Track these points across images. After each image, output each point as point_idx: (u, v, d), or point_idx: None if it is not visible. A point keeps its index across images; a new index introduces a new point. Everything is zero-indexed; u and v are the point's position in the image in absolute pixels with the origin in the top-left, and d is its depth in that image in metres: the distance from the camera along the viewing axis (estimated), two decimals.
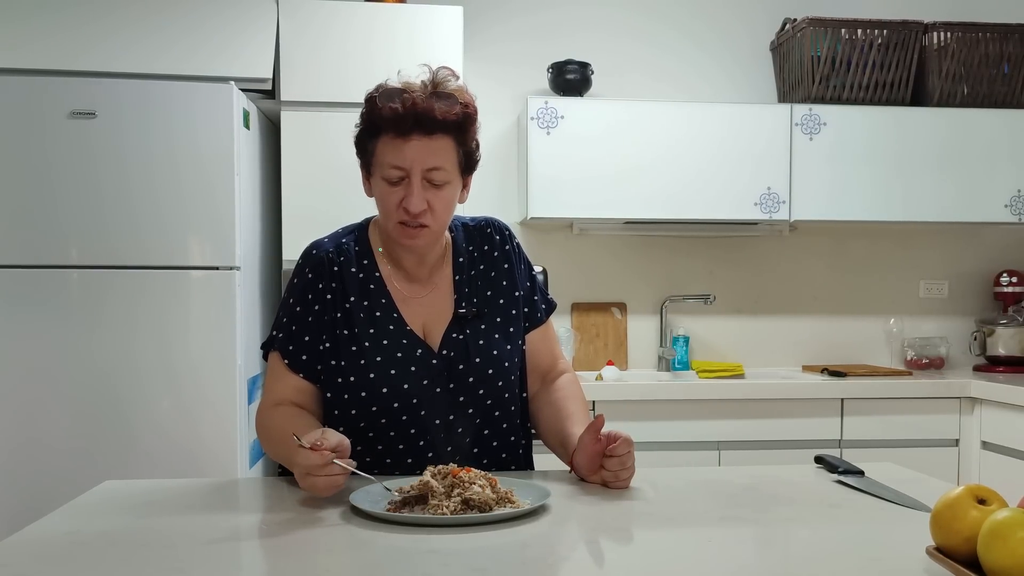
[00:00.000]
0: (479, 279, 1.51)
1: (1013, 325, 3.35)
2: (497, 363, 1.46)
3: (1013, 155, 3.23)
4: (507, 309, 1.50)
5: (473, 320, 1.46)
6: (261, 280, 2.82)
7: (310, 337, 1.43)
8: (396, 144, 1.35)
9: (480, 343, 1.45)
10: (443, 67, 1.42)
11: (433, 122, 1.34)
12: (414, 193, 1.35)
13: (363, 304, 1.44)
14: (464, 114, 1.39)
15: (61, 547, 1.04)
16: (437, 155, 1.36)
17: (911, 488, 1.31)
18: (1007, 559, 0.82)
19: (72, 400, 2.44)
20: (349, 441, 1.24)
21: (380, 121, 1.36)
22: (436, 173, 1.36)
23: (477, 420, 1.46)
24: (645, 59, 3.47)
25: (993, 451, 2.89)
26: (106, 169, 2.46)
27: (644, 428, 2.85)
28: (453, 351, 1.44)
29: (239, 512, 1.24)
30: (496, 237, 1.54)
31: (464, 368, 1.44)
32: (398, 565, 0.97)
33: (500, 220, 1.58)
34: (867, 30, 3.20)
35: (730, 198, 3.14)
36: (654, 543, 1.08)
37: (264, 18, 2.83)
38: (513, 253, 1.55)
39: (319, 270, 1.46)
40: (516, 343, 1.50)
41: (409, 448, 1.42)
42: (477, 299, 1.49)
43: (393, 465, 1.42)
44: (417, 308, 1.47)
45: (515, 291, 1.52)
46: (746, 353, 3.50)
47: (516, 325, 1.51)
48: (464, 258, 1.52)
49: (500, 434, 1.49)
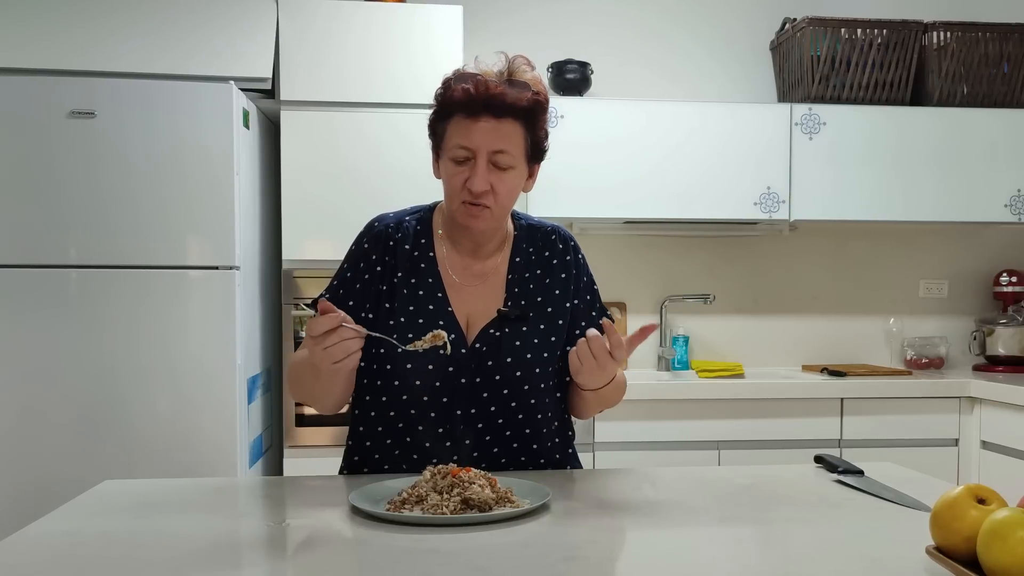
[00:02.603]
0: (532, 282, 1.50)
1: (1013, 325, 3.35)
2: (527, 367, 1.44)
3: (1013, 155, 3.23)
4: (553, 318, 1.48)
5: (515, 321, 1.46)
6: (261, 280, 2.82)
7: (354, 302, 1.46)
8: (465, 125, 1.37)
9: (516, 344, 1.44)
10: (519, 56, 1.43)
11: (503, 106, 1.36)
12: (478, 174, 1.36)
13: (409, 281, 1.46)
14: (535, 101, 1.40)
15: (61, 547, 1.04)
16: (504, 139, 1.37)
17: (911, 488, 1.30)
18: (1007, 559, 0.82)
19: (72, 400, 2.44)
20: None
21: (452, 103, 1.38)
22: (502, 156, 1.37)
23: (500, 420, 1.45)
24: (645, 59, 3.47)
25: (993, 451, 2.89)
26: (106, 169, 2.46)
27: (644, 428, 2.85)
28: (486, 346, 1.44)
29: (239, 512, 1.24)
30: (559, 245, 1.54)
31: (492, 365, 1.43)
32: (398, 565, 0.96)
33: (567, 230, 1.58)
34: (867, 30, 3.20)
35: (730, 198, 3.14)
36: (654, 543, 1.08)
37: (264, 18, 2.83)
38: (574, 263, 1.53)
39: (375, 242, 1.49)
40: (555, 352, 1.48)
41: (428, 433, 1.42)
42: (525, 302, 1.48)
43: (411, 449, 1.43)
44: (466, 296, 1.47)
45: (566, 302, 1.50)
46: (746, 353, 3.50)
47: (559, 335, 1.48)
48: (521, 258, 1.51)
49: (523, 438, 1.47)
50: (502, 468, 1.45)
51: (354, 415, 1.52)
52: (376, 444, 1.47)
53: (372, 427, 1.47)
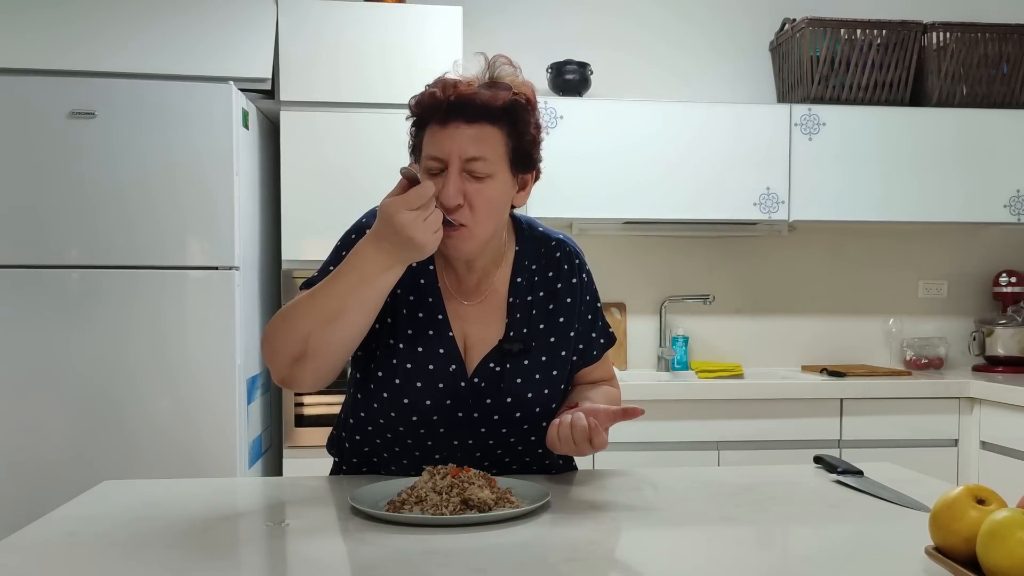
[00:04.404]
0: (534, 308, 1.38)
1: (1012, 325, 3.35)
2: (528, 406, 1.36)
3: (1012, 155, 3.23)
4: (556, 349, 1.38)
5: (517, 355, 1.35)
6: (260, 280, 2.82)
7: None
8: (435, 132, 1.25)
9: (517, 381, 1.35)
10: (499, 55, 1.32)
11: (475, 108, 1.23)
12: (450, 183, 1.22)
13: (408, 298, 1.36)
14: (513, 102, 1.26)
15: (60, 547, 1.04)
16: (478, 144, 1.24)
17: (910, 488, 1.30)
18: (1006, 559, 0.82)
19: (72, 400, 2.44)
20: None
21: (422, 110, 1.27)
22: (477, 164, 1.23)
23: (499, 451, 1.40)
24: (644, 59, 3.47)
25: (992, 451, 2.89)
26: (105, 169, 2.46)
27: (643, 428, 2.85)
28: (485, 382, 1.35)
29: (238, 512, 1.24)
30: (564, 265, 1.41)
31: (492, 403, 1.36)
32: (397, 565, 0.96)
33: (575, 244, 1.44)
34: (866, 30, 3.20)
35: (729, 198, 3.14)
36: (654, 543, 1.08)
37: (263, 18, 2.83)
38: (579, 287, 1.41)
39: None
40: (556, 386, 1.39)
41: (424, 458, 1.38)
42: (527, 330, 1.37)
43: (409, 469, 1.39)
44: (465, 317, 1.37)
45: (570, 330, 1.40)
46: (745, 353, 3.50)
47: (561, 367, 1.39)
48: (524, 278, 1.39)
49: (523, 465, 1.44)
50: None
51: (347, 424, 1.46)
52: (367, 461, 1.44)
53: (364, 443, 1.42)
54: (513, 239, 1.42)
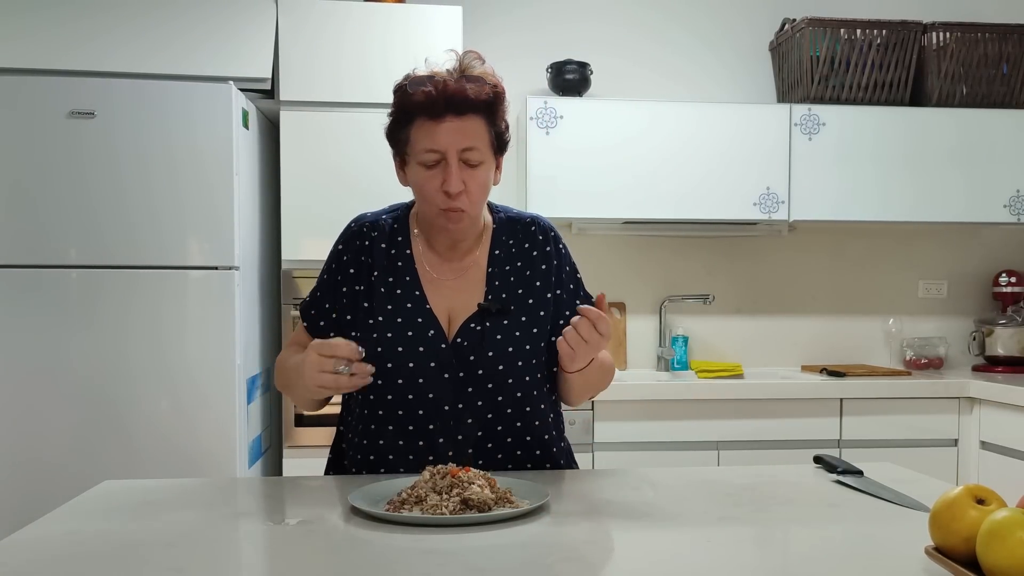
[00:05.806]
0: (512, 275, 1.50)
1: (1012, 325, 3.35)
2: (509, 360, 1.43)
3: (1012, 155, 3.23)
4: (535, 310, 1.48)
5: (496, 315, 1.45)
6: (260, 280, 2.82)
7: (330, 305, 1.49)
8: (429, 127, 1.37)
9: (498, 337, 1.43)
10: (469, 51, 1.44)
11: (465, 103, 1.36)
12: (452, 174, 1.36)
13: (387, 280, 1.46)
14: (494, 94, 1.41)
15: (60, 547, 1.04)
16: (471, 135, 1.38)
17: (910, 488, 1.31)
18: (1006, 559, 0.82)
19: (71, 400, 2.44)
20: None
21: (412, 107, 1.38)
22: (471, 153, 1.38)
23: (489, 415, 1.44)
24: (644, 59, 3.47)
25: (992, 451, 2.89)
26: (105, 169, 2.46)
27: (643, 428, 2.85)
28: (467, 340, 1.43)
29: (238, 512, 1.24)
30: (539, 236, 1.53)
31: (475, 359, 1.43)
32: (397, 565, 0.96)
33: (546, 220, 1.58)
34: (866, 30, 3.20)
35: (729, 198, 3.14)
36: (653, 543, 1.08)
37: (263, 18, 2.83)
38: (555, 255, 1.53)
39: (349, 243, 1.50)
40: (538, 344, 1.47)
41: (419, 431, 1.42)
42: (506, 295, 1.47)
43: (405, 449, 1.43)
44: (445, 292, 1.47)
45: (547, 293, 1.50)
46: (745, 353, 3.50)
47: (541, 327, 1.47)
48: (501, 251, 1.51)
49: (514, 431, 1.47)
50: (498, 462, 1.45)
51: (345, 420, 1.53)
52: (371, 446, 1.46)
53: (364, 429, 1.46)
54: (491, 219, 1.55)
